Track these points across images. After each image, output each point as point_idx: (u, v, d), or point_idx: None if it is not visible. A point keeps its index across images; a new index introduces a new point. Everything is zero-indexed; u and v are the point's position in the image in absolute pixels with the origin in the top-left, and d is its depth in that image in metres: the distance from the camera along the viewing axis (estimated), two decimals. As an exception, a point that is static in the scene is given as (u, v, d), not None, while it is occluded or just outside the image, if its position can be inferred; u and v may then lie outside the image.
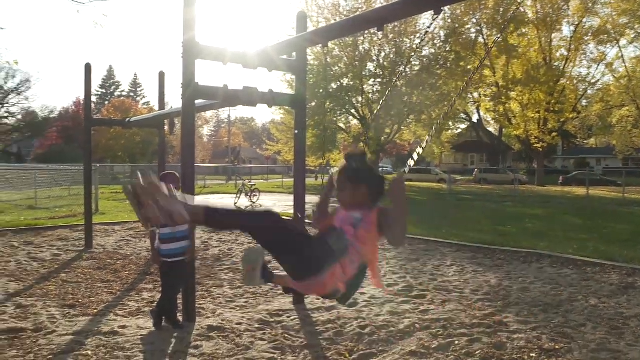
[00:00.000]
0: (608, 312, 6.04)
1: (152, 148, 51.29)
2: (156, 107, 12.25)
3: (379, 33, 33.44)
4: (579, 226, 14.36)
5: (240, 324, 5.54)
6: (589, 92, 42.85)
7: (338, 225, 2.76)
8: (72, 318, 5.72)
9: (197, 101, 5.62)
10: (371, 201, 2.77)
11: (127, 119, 11.20)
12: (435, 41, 35.95)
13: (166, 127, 10.59)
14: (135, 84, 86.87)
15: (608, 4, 37.75)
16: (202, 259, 9.19)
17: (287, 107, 31.25)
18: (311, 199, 6.06)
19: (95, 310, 6.04)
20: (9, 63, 57.75)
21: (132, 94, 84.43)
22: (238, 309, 6.24)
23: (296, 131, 5.74)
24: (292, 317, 5.84)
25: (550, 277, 7.86)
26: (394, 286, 7.25)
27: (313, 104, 32.84)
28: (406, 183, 2.67)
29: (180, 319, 5.56)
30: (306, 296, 6.15)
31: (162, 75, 10.94)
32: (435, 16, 3.64)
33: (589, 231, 13.00)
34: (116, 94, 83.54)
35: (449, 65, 35.40)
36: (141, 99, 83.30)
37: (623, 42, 38.98)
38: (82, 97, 11.49)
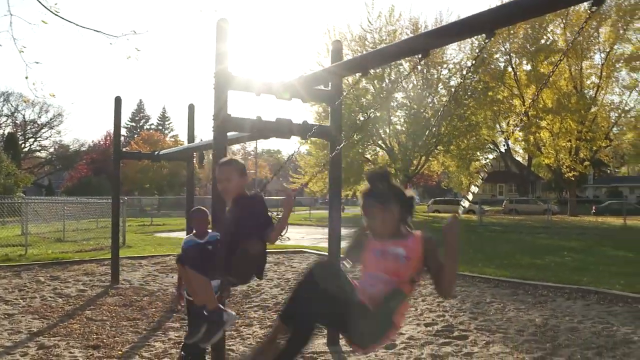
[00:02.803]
0: (671, 356, 5.54)
1: (179, 180, 51.70)
2: (182, 140, 12.16)
3: (405, 64, 33.48)
4: (622, 259, 13.67)
5: (272, 368, 5.19)
6: (622, 119, 41.87)
7: (375, 261, 2.52)
8: (95, 360, 5.45)
9: (228, 133, 5.39)
10: (402, 221, 2.56)
11: (156, 152, 11.09)
12: (464, 71, 35.79)
13: (195, 160, 10.45)
14: (163, 117, 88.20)
15: (640, 30, 37.12)
16: (231, 295, 8.88)
17: (315, 139, 31.18)
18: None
19: (120, 352, 5.76)
20: (44, 97, 59.01)
21: (160, 127, 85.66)
22: (269, 350, 5.90)
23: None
24: (327, 361, 5.49)
25: (600, 315, 7.34)
26: (433, 325, 6.84)
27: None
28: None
29: (209, 361, 5.25)
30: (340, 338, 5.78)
31: (191, 108, 10.82)
32: (487, 40, 3.37)
33: (634, 264, 12.34)
34: (145, 127, 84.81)
35: (477, 95, 35.15)
36: (169, 132, 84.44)
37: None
38: (112, 130, 11.49)
